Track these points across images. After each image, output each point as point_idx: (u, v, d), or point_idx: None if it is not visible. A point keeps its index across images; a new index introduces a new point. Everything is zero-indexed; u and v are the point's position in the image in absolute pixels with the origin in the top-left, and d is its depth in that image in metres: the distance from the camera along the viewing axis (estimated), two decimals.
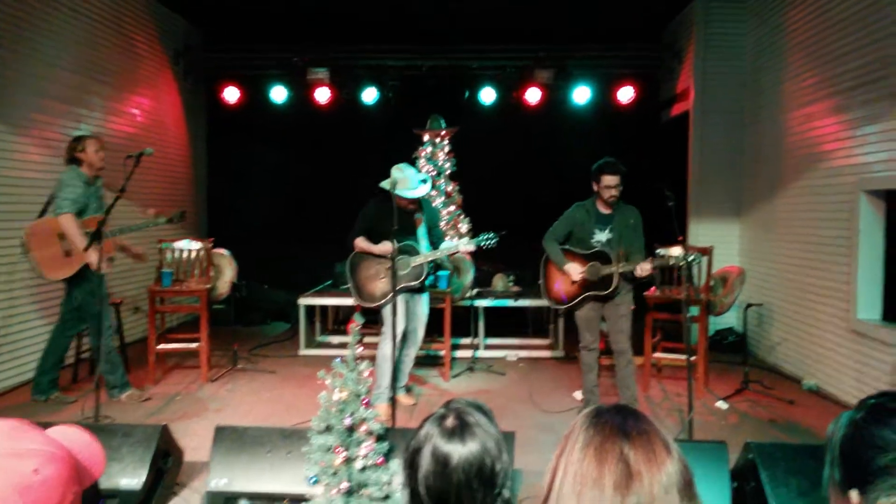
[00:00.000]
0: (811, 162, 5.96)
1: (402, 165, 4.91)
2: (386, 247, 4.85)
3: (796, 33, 6.24)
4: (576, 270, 4.77)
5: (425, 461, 1.42)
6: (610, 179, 4.63)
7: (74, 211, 4.75)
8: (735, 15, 7.42)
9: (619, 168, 4.66)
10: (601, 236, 4.78)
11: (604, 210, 4.77)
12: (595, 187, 4.74)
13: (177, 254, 6.06)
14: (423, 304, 5.19)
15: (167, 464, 3.60)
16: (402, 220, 4.65)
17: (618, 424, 1.02)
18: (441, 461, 1.41)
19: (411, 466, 1.44)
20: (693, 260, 4.48)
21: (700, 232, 7.48)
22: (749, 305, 6.08)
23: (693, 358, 4.46)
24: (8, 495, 0.89)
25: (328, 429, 2.85)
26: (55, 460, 0.96)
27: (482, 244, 4.95)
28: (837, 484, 1.18)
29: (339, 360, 2.95)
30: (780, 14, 6.57)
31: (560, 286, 4.91)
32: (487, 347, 7.01)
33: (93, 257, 4.65)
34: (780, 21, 6.58)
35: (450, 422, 1.46)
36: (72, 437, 1.08)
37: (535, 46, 8.20)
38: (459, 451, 1.41)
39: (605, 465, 0.97)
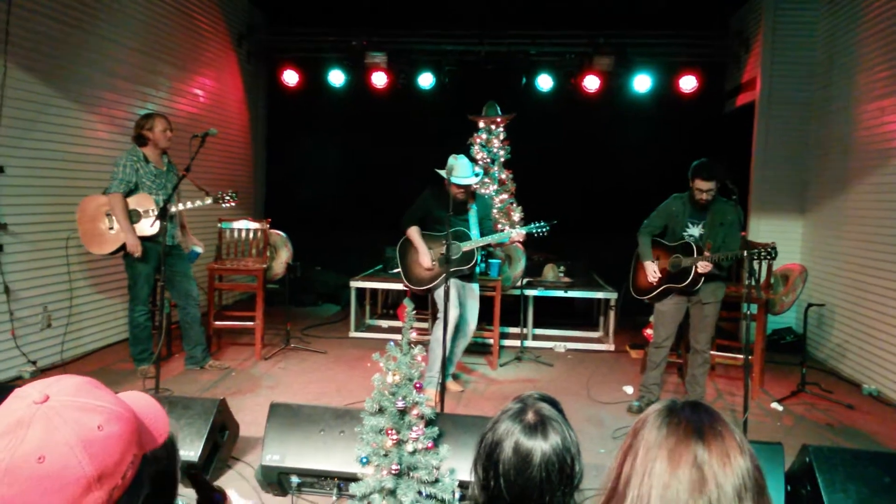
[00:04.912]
0: (882, 158, 5.71)
1: (458, 155, 4.95)
2: (426, 259, 4.97)
3: (871, 22, 5.97)
4: (652, 270, 4.77)
5: (506, 456, 1.43)
6: (702, 184, 4.57)
7: (122, 191, 4.94)
8: (807, 2, 7.14)
9: (714, 173, 4.56)
10: (694, 230, 4.73)
11: (699, 205, 4.70)
12: (690, 186, 4.68)
13: (235, 233, 6.20)
14: (474, 295, 5.20)
15: (223, 437, 3.70)
16: (455, 209, 4.71)
17: (693, 425, 1.00)
18: (523, 457, 1.42)
19: (489, 459, 1.45)
20: (760, 255, 4.35)
21: (761, 227, 7.27)
22: (810, 305, 5.88)
23: (749, 357, 4.36)
24: (72, 446, 0.91)
25: (381, 410, 2.88)
26: (120, 420, 0.98)
27: (534, 232, 4.96)
28: None
29: (392, 343, 2.98)
30: (855, 2, 6.29)
31: (642, 277, 4.91)
32: (536, 338, 6.97)
33: (130, 238, 4.90)
34: (854, 9, 6.29)
35: (530, 417, 1.46)
36: (140, 401, 1.11)
37: (594, 32, 8.05)
38: (542, 447, 1.43)
39: (678, 469, 0.96)
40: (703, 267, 4.52)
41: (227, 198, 5.24)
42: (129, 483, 0.98)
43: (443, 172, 4.79)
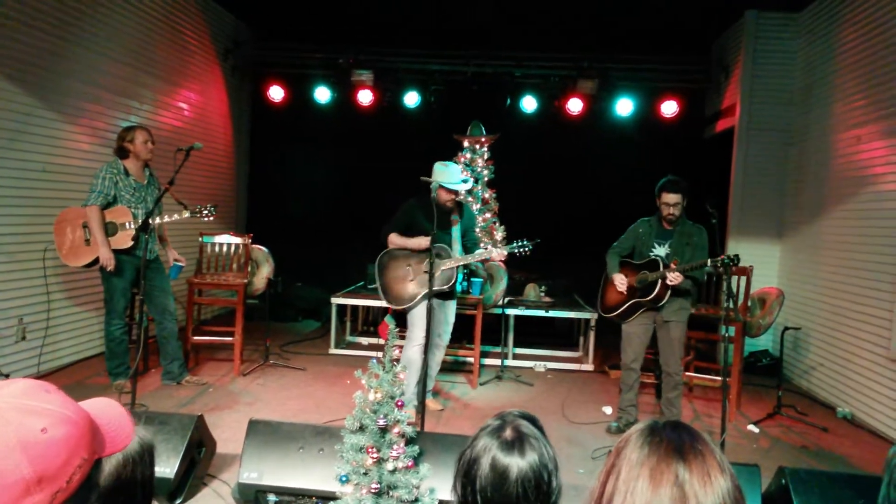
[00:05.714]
0: (858, 185, 5.84)
1: (446, 162, 4.95)
2: (421, 241, 4.81)
3: (849, 53, 6.12)
4: (620, 280, 4.81)
5: (483, 472, 1.43)
6: (669, 197, 4.64)
7: (99, 203, 4.91)
8: (786, 31, 7.31)
9: (680, 187, 4.64)
10: (660, 251, 4.78)
11: (665, 225, 4.77)
12: (657, 203, 4.75)
13: (216, 248, 6.17)
14: (450, 311, 5.14)
15: (200, 454, 3.66)
16: (439, 220, 4.67)
17: (674, 444, 1.02)
18: (500, 473, 1.42)
19: (466, 476, 1.45)
20: (723, 263, 4.30)
21: (739, 251, 7.28)
22: (786, 329, 5.97)
23: (727, 379, 4.40)
24: (11, 448, 0.90)
25: (362, 428, 2.86)
26: (67, 423, 0.96)
27: (516, 251, 4.91)
28: None
29: (374, 360, 2.97)
30: (833, 33, 6.45)
31: (610, 295, 4.96)
32: (516, 357, 6.98)
33: (103, 251, 4.86)
34: (832, 40, 6.46)
35: (508, 433, 1.47)
36: (105, 409, 1.09)
37: (578, 56, 8.17)
38: (519, 463, 1.43)
39: (660, 487, 0.97)
40: (674, 278, 4.50)
41: (206, 212, 5.18)
42: (76, 487, 0.97)
43: (429, 179, 4.76)
